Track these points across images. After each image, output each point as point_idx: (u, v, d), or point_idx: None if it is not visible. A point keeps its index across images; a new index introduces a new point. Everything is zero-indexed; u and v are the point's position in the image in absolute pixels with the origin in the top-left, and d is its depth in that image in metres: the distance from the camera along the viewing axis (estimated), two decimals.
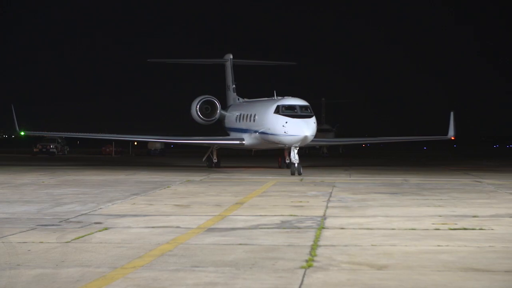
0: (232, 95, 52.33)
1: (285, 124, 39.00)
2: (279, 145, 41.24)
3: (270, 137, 40.95)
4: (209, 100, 49.32)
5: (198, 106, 49.07)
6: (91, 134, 57.33)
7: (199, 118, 49.22)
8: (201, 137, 48.39)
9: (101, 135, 57.87)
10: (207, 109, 49.28)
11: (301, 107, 39.62)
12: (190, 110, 49.51)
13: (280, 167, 47.49)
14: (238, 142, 45.73)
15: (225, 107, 51.27)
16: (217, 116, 49.46)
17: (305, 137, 38.27)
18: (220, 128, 50.95)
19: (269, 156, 65.51)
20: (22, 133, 49.73)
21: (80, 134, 56.48)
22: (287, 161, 44.34)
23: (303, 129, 38.36)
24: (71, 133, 57.98)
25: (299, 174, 37.18)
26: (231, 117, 48.45)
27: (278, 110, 40.05)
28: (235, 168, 47.26)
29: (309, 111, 39.50)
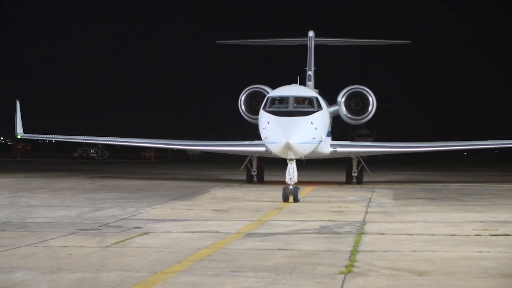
0: (309, 85, 36.15)
1: (267, 126, 25.51)
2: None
3: None
4: (258, 91, 35.29)
5: (243, 100, 35.60)
6: (105, 138, 41.82)
7: (244, 115, 35.71)
8: (217, 142, 36.81)
9: (117, 140, 40.99)
10: (257, 103, 34.13)
11: (298, 99, 26.33)
12: None
13: (346, 182, 35.46)
14: (261, 149, 32.29)
15: None
16: None
17: (287, 145, 24.10)
18: None
19: (337, 165, 46.25)
20: (19, 136, 40.75)
21: (88, 138, 42.42)
22: (353, 174, 35.12)
23: (285, 133, 24.30)
24: (69, 137, 42.28)
25: (295, 200, 23.72)
26: None
27: (265, 105, 26.29)
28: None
29: (310, 105, 26.18)
